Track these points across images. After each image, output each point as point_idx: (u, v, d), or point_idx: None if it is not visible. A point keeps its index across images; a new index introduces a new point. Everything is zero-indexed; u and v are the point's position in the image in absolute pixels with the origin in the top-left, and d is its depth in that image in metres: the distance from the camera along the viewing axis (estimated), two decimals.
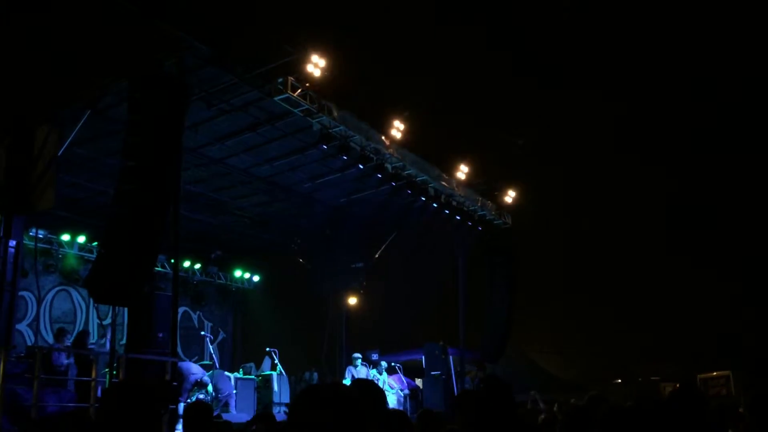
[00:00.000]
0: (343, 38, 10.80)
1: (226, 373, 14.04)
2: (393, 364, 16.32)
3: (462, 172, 14.71)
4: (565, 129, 20.19)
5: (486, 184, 16.01)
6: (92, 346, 12.77)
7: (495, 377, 3.44)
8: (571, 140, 20.68)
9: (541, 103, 19.54)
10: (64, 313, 15.61)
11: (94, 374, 9.15)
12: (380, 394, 2.90)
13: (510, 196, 16.46)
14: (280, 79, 10.59)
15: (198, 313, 18.72)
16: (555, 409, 7.77)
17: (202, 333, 16.86)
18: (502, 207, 16.72)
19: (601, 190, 21.23)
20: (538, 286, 20.24)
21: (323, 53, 10.53)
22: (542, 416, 6.02)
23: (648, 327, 20.59)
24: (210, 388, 13.02)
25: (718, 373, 14.92)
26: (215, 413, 12.48)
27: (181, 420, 7.89)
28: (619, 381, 21.46)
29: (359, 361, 15.30)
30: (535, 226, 17.68)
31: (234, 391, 13.48)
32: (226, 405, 13.19)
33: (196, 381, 12.64)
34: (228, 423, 5.86)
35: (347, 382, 14.46)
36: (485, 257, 17.43)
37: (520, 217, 17.25)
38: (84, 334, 13.66)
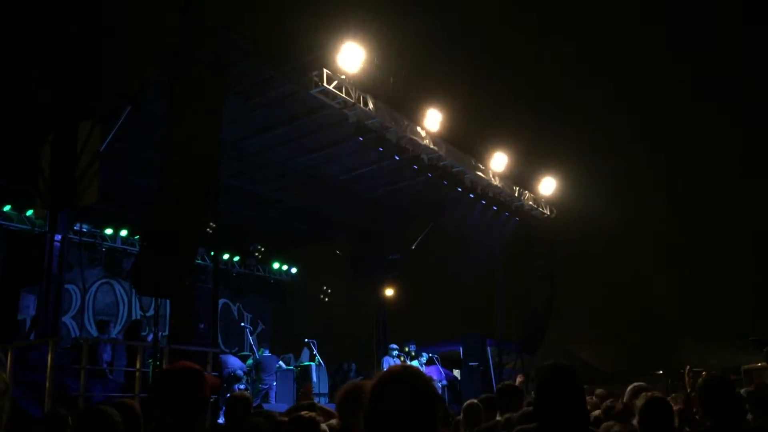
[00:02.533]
0: (379, 30, 10.78)
1: (279, 362, 14.18)
2: (430, 354, 16.32)
3: (499, 162, 14.59)
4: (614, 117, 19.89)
5: (524, 174, 15.86)
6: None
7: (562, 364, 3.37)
8: (619, 131, 20.40)
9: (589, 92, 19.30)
10: (107, 306, 15.93)
11: (138, 365, 9.33)
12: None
13: (548, 187, 16.28)
14: (315, 72, 10.63)
15: (237, 304, 18.96)
16: (594, 399, 7.63)
17: (242, 324, 17.07)
18: (540, 197, 16.56)
19: (640, 179, 20.91)
20: (578, 276, 20.03)
21: (359, 45, 10.53)
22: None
23: (691, 317, 20.26)
24: (245, 379, 13.19)
25: (763, 363, 14.59)
26: (256, 402, 12.65)
27: (223, 410, 8.00)
28: (660, 372, 21.16)
29: (396, 351, 15.33)
30: (575, 216, 17.47)
31: (274, 383, 13.62)
32: (266, 395, 13.34)
33: (229, 375, 12.79)
34: (272, 413, 5.94)
35: None
36: (523, 248, 17.31)
37: (560, 208, 17.07)
38: (138, 323, 13.96)
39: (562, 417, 3.15)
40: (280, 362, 14.29)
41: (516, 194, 15.94)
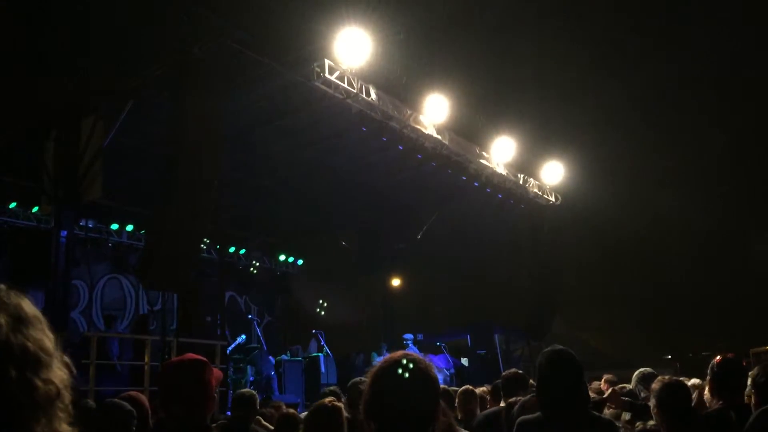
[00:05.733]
0: (381, 19, 10.71)
1: (270, 357, 14.24)
2: (437, 343, 16.35)
3: (503, 150, 14.53)
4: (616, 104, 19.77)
5: (529, 161, 15.82)
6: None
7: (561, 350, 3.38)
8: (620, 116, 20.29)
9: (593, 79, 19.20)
10: (115, 301, 15.97)
11: (147, 359, 9.38)
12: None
13: (553, 174, 16.24)
14: (317, 63, 10.59)
15: (244, 297, 19.01)
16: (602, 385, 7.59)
17: (249, 316, 17.13)
18: (545, 185, 16.53)
19: (646, 163, 20.84)
20: (584, 262, 20.00)
21: (360, 36, 10.48)
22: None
23: (700, 301, 20.23)
24: (250, 368, 13.26)
25: None
26: (263, 396, 12.71)
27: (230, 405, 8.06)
28: (669, 357, 21.16)
29: (411, 341, 15.35)
30: (581, 202, 17.41)
31: (272, 373, 13.64)
32: (269, 386, 13.38)
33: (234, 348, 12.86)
34: (279, 404, 6.05)
35: None
36: (529, 235, 17.29)
37: (565, 194, 17.01)
38: (145, 318, 14.03)
39: (562, 401, 3.17)
40: (270, 357, 14.33)
41: (521, 182, 15.90)
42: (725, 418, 3.85)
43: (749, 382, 4.07)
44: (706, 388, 4.41)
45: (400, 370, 2.05)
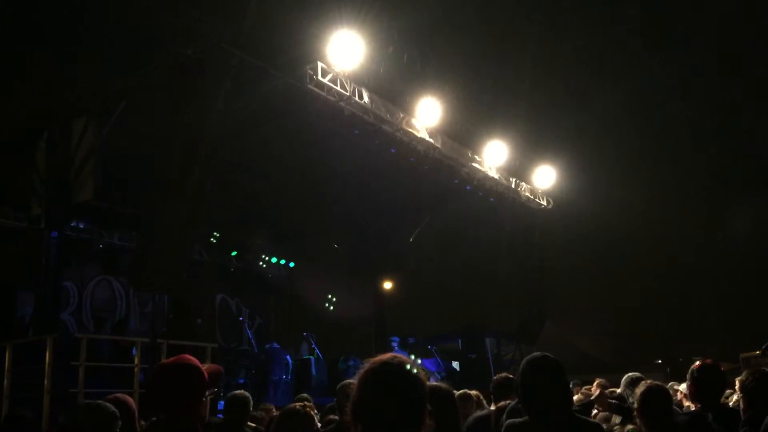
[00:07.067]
0: (374, 23, 10.72)
1: (287, 357, 14.11)
2: (428, 347, 16.36)
3: (495, 154, 14.55)
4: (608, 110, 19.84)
5: (521, 165, 15.84)
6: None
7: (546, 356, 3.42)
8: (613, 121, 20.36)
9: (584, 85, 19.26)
10: (105, 302, 15.88)
11: (137, 360, 9.34)
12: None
13: (545, 178, 16.26)
14: (310, 65, 10.59)
15: (236, 299, 18.94)
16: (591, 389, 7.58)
17: (240, 319, 17.06)
18: (536, 189, 16.56)
19: (638, 169, 20.92)
20: (576, 266, 20.05)
21: (353, 38, 10.48)
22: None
23: (690, 306, 20.32)
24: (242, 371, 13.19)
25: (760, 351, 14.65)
26: (269, 395, 12.62)
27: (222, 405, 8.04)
28: (660, 362, 21.24)
29: (396, 344, 15.35)
30: (572, 207, 17.46)
31: (284, 376, 13.52)
32: (277, 389, 13.28)
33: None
34: (269, 407, 6.04)
35: None
36: (521, 239, 17.31)
37: (557, 199, 17.05)
38: (125, 319, 13.96)
39: (544, 404, 3.20)
40: (288, 357, 14.26)
41: (513, 186, 15.92)
42: (702, 419, 4.00)
43: (737, 386, 4.19)
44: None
45: (387, 373, 2.05)
